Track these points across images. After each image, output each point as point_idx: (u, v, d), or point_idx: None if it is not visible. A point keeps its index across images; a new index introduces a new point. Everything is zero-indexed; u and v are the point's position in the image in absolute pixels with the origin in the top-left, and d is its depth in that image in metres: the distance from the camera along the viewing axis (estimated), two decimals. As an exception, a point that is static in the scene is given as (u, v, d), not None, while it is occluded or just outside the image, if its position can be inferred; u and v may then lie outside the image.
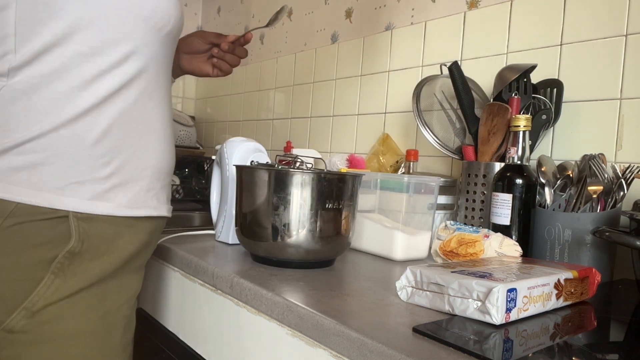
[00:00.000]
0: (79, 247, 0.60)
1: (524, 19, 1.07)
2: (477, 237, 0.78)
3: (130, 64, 0.62)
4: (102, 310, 0.64)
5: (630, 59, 0.90)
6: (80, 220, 0.60)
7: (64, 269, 0.60)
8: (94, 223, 0.61)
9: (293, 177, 0.74)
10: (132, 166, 0.64)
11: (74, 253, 0.60)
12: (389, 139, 1.33)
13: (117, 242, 0.64)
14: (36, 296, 0.58)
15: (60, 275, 0.59)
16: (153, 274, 0.95)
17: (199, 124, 2.35)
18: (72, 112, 0.59)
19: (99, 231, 0.62)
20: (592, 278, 0.65)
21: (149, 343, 0.93)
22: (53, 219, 0.58)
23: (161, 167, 0.70)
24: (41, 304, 0.59)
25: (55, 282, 0.59)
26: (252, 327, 0.67)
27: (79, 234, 0.60)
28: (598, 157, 0.83)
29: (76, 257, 0.60)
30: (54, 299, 0.59)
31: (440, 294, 0.56)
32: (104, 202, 0.61)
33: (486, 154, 0.94)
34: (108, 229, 0.63)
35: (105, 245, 0.63)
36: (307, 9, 1.72)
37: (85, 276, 0.61)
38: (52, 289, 0.59)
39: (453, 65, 0.98)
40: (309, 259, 0.76)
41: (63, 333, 0.61)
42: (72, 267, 0.60)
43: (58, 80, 0.58)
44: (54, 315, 0.60)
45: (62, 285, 0.60)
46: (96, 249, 0.62)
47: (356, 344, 0.49)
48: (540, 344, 0.49)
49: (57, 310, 0.60)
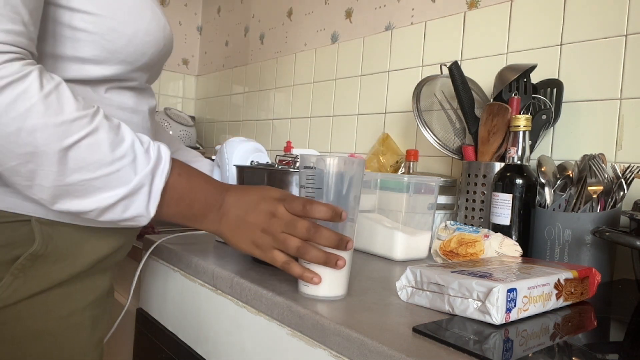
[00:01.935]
0: (43, 250, 0.59)
1: (524, 19, 1.07)
2: (477, 237, 0.78)
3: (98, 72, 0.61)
4: (65, 310, 0.63)
5: (630, 59, 0.90)
6: (43, 224, 0.59)
7: (25, 271, 0.59)
8: (58, 227, 0.60)
9: (293, 177, 0.74)
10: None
11: (37, 255, 0.59)
12: (389, 139, 1.33)
13: (84, 246, 0.63)
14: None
15: (20, 276, 0.58)
16: (153, 274, 0.95)
17: (199, 124, 2.35)
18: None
19: (64, 235, 0.61)
20: (592, 278, 0.65)
21: (149, 343, 0.93)
22: (15, 222, 0.57)
23: None
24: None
25: (14, 283, 0.58)
26: (252, 327, 0.67)
27: (43, 237, 0.59)
28: (598, 157, 0.83)
29: (39, 260, 0.59)
30: (12, 300, 0.58)
31: (440, 294, 0.56)
32: None
33: (486, 154, 0.94)
34: (73, 234, 0.61)
35: (70, 249, 0.62)
36: (307, 9, 1.72)
37: (46, 278, 0.61)
38: (9, 290, 0.58)
39: (453, 65, 0.98)
40: (309, 259, 0.76)
41: (22, 334, 0.60)
42: (33, 270, 0.59)
43: None
44: (12, 316, 0.59)
45: (21, 286, 0.59)
46: (60, 252, 0.61)
47: (356, 344, 0.49)
48: (540, 344, 0.49)
49: (16, 311, 0.59)
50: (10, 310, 0.59)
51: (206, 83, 2.36)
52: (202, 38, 2.42)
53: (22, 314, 0.60)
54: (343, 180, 0.57)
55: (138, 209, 0.56)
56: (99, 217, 0.56)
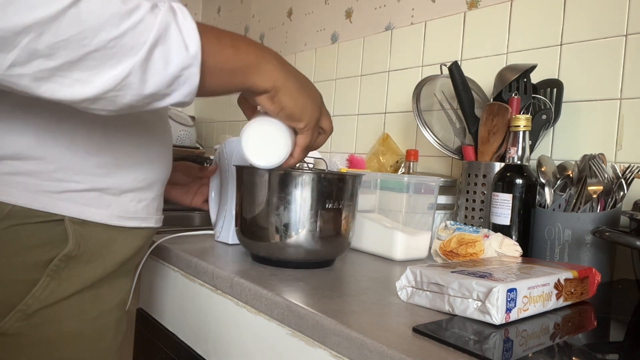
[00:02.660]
0: (76, 251, 0.60)
1: (524, 19, 1.07)
2: (477, 237, 0.78)
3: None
4: (94, 312, 0.64)
5: (630, 59, 0.90)
6: (76, 224, 0.59)
7: (60, 272, 0.59)
8: (88, 227, 0.61)
9: (293, 177, 0.74)
10: (130, 178, 0.64)
11: (71, 256, 0.60)
12: (389, 139, 1.32)
13: (111, 246, 0.64)
14: (31, 298, 0.58)
15: (55, 278, 0.59)
16: (153, 274, 0.95)
17: (199, 124, 2.35)
18: (70, 121, 0.58)
19: (94, 235, 0.61)
20: (592, 278, 0.65)
21: (149, 343, 0.94)
22: (49, 222, 0.58)
23: (157, 178, 0.69)
24: (36, 307, 0.58)
25: (51, 284, 0.59)
26: (252, 327, 0.67)
27: (76, 237, 0.59)
28: (598, 157, 0.83)
29: (72, 261, 0.60)
30: (49, 301, 0.59)
31: (440, 294, 0.56)
32: (98, 210, 0.61)
33: (486, 154, 0.93)
34: (102, 234, 0.62)
35: (99, 249, 0.62)
36: (307, 9, 1.72)
37: (80, 279, 0.61)
38: (47, 291, 0.59)
39: (453, 65, 0.98)
40: (309, 259, 0.76)
41: (56, 336, 0.60)
42: (67, 270, 0.60)
43: None
44: (48, 318, 0.59)
45: (57, 288, 0.59)
46: (91, 252, 0.62)
47: (356, 344, 0.49)
48: (540, 344, 0.49)
49: (51, 313, 0.59)
50: (46, 312, 0.59)
51: (206, 83, 2.36)
52: (202, 38, 2.42)
53: (56, 316, 0.60)
54: None
55: (178, 53, 0.47)
56: (143, 86, 0.47)
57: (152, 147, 0.67)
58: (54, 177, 0.57)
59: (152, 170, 0.68)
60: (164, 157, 0.71)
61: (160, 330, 0.90)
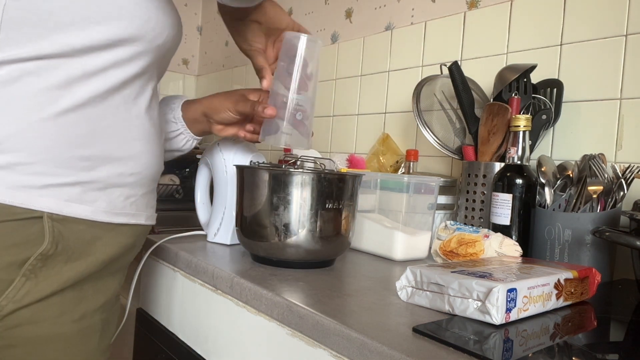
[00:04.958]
0: (53, 250, 0.58)
1: (524, 19, 1.07)
2: (477, 237, 0.78)
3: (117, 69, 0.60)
4: (77, 313, 0.62)
5: (630, 59, 0.90)
6: (55, 221, 0.57)
7: (36, 272, 0.57)
8: (69, 225, 0.58)
9: (293, 177, 0.74)
10: (116, 172, 0.62)
11: (47, 255, 0.57)
12: (389, 139, 1.33)
13: (95, 244, 0.62)
14: (4, 299, 0.56)
15: (31, 278, 0.57)
16: (153, 274, 0.95)
17: (199, 124, 2.35)
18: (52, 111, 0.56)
19: (75, 233, 0.59)
20: (592, 278, 0.65)
21: (149, 343, 0.94)
22: (26, 220, 0.56)
23: (146, 174, 0.67)
24: (10, 308, 0.56)
25: (26, 285, 0.57)
26: (252, 327, 0.67)
27: (53, 235, 0.57)
28: (598, 157, 0.83)
29: (49, 260, 0.58)
30: (25, 302, 0.57)
31: (440, 294, 0.56)
32: (82, 205, 0.59)
33: (486, 154, 0.94)
34: (85, 232, 0.60)
35: (81, 248, 0.60)
36: (307, 9, 1.72)
37: (58, 279, 0.59)
38: (22, 292, 0.57)
39: (453, 65, 0.98)
40: (309, 259, 0.76)
41: (35, 337, 0.59)
42: (44, 270, 0.58)
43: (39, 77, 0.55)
44: (24, 319, 0.58)
45: (33, 288, 0.57)
46: (71, 251, 0.59)
47: (356, 344, 0.49)
48: (540, 344, 0.49)
49: (28, 314, 0.58)
50: (23, 313, 0.57)
51: (206, 83, 2.36)
52: (202, 38, 2.42)
53: (35, 316, 0.58)
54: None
55: None
56: None
57: (140, 140, 0.65)
58: (34, 171, 0.55)
59: (141, 165, 0.66)
60: (155, 153, 0.68)
61: (160, 330, 0.90)
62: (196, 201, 0.98)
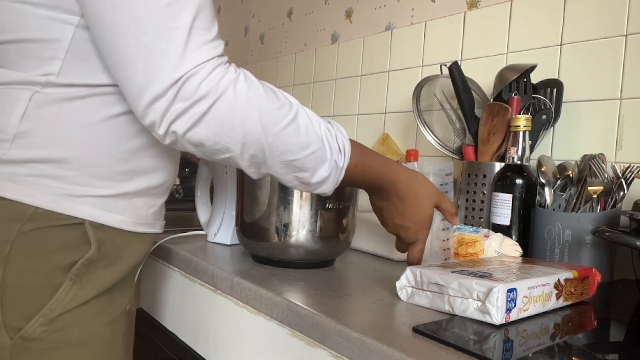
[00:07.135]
0: (97, 255, 0.61)
1: (524, 19, 1.07)
2: (477, 237, 0.78)
3: None
4: (109, 317, 0.65)
5: (630, 59, 0.90)
6: (95, 228, 0.60)
7: (81, 276, 0.60)
8: (106, 232, 0.62)
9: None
10: (145, 183, 0.66)
11: (92, 260, 0.61)
12: (389, 139, 1.33)
13: (125, 251, 0.65)
14: (54, 303, 0.59)
15: (77, 282, 0.60)
16: (153, 274, 0.95)
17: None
18: (102, 131, 0.60)
19: (111, 240, 0.63)
20: (592, 278, 0.65)
21: (149, 343, 0.94)
22: (69, 225, 0.59)
23: (169, 185, 0.71)
24: (59, 311, 0.59)
25: (73, 289, 0.60)
26: (252, 327, 0.67)
27: (97, 241, 0.60)
28: (598, 157, 0.83)
29: (92, 265, 0.61)
30: (71, 306, 0.60)
31: (440, 294, 0.56)
32: (115, 215, 0.62)
33: (486, 154, 0.93)
34: (117, 238, 0.63)
35: (116, 254, 0.64)
36: (307, 9, 1.72)
37: (99, 284, 0.62)
38: (69, 295, 0.59)
39: (453, 65, 0.98)
40: (309, 259, 0.76)
41: (76, 340, 0.61)
42: (87, 275, 0.61)
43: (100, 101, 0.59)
44: (69, 322, 0.60)
45: (78, 292, 0.60)
46: (109, 257, 0.63)
47: (356, 344, 0.49)
48: (540, 344, 0.49)
49: (72, 317, 0.60)
50: (67, 317, 0.60)
51: (206, 83, 2.36)
52: (202, 38, 2.42)
53: (76, 320, 0.61)
54: None
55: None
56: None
57: (170, 152, 0.69)
58: (78, 182, 0.59)
59: (166, 175, 0.69)
60: (177, 162, 0.73)
61: (160, 330, 0.90)
62: (196, 201, 0.98)
